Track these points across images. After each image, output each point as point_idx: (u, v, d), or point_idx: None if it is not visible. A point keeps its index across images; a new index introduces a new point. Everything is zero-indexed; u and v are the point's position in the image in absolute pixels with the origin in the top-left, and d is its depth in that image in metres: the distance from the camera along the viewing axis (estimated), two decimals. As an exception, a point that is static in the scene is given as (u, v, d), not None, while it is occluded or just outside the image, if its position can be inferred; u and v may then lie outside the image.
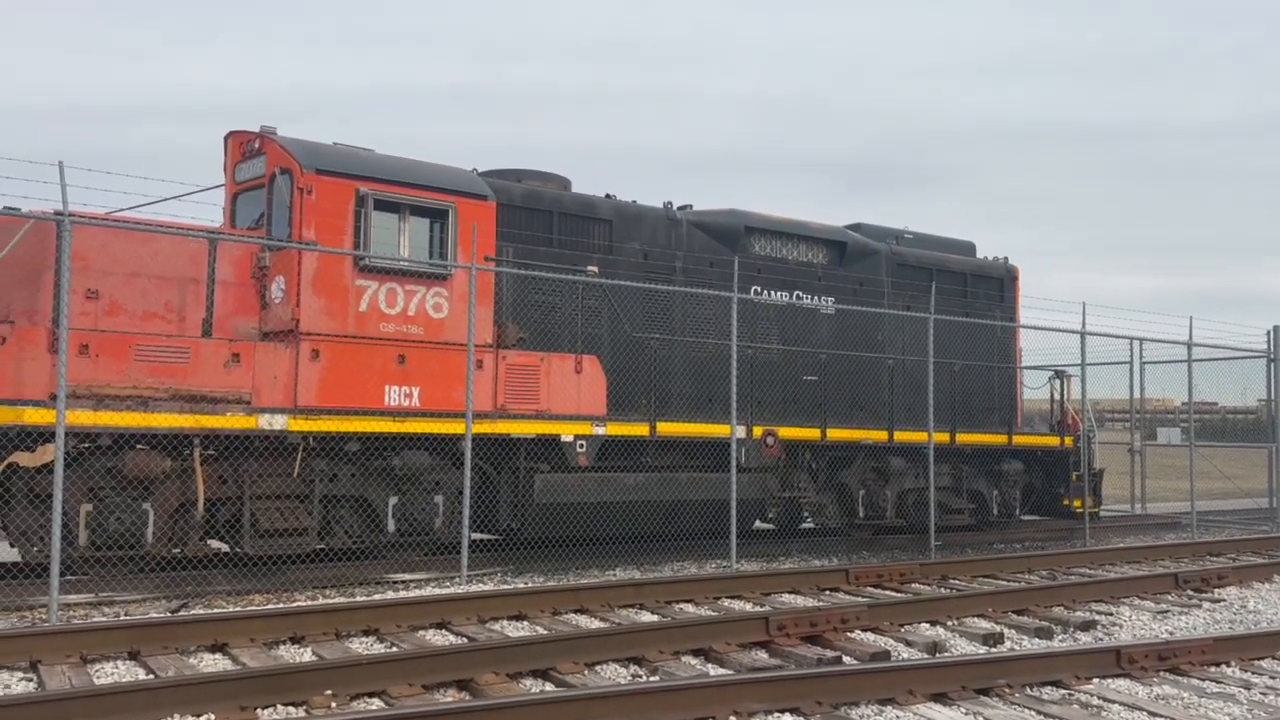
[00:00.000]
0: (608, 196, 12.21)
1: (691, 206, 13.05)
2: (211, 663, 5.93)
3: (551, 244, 11.40)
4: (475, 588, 9.04)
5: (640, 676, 5.80)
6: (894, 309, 13.80)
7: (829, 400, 12.95)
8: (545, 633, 6.72)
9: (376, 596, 7.66)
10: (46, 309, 8.71)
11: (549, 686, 5.51)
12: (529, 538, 10.96)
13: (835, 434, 12.84)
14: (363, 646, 6.46)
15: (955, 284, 15.02)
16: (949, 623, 7.59)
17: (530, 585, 8.14)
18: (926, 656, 6.60)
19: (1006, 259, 16.07)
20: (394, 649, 6.27)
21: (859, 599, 8.31)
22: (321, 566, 9.81)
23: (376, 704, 5.06)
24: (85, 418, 8.28)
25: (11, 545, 9.21)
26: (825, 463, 13.21)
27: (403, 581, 9.82)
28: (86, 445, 8.64)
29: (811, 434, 12.67)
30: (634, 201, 12.42)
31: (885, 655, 6.43)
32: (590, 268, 11.46)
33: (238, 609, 6.80)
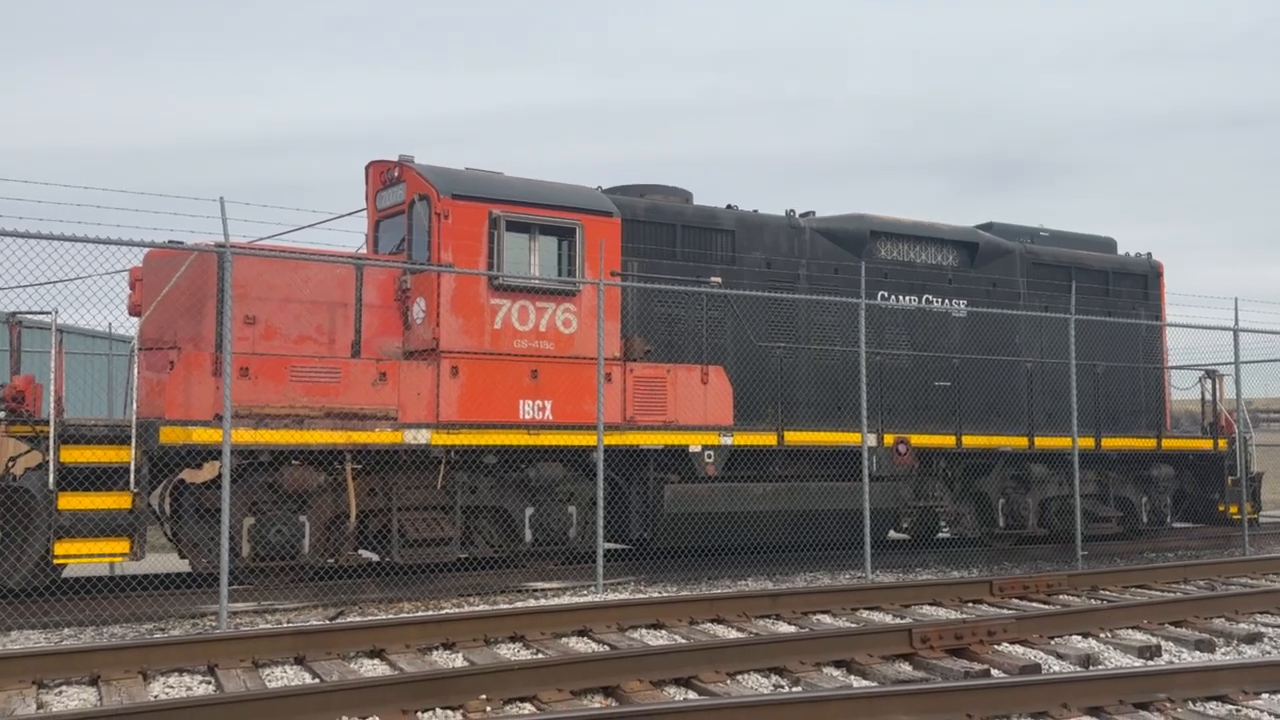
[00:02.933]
0: (729, 207, 12.27)
1: (814, 213, 12.97)
2: (371, 667, 6.25)
3: (675, 256, 11.53)
4: (611, 596, 9.20)
5: (782, 687, 5.81)
6: (1030, 310, 13.35)
7: (963, 406, 12.61)
8: (684, 641, 6.79)
9: (520, 604, 7.91)
10: (209, 335, 9.35)
11: (692, 695, 5.58)
12: (660, 548, 11.07)
13: (971, 440, 12.49)
14: (510, 652, 6.68)
15: (1095, 282, 14.41)
16: (1102, 635, 7.30)
17: (667, 595, 8.24)
18: (1080, 670, 6.37)
19: (1150, 255, 15.33)
20: (539, 655, 6.46)
21: (1005, 611, 8.07)
22: (464, 575, 10.17)
23: (528, 708, 5.24)
24: (247, 436, 8.84)
25: (181, 556, 9.92)
26: (961, 470, 12.87)
27: (540, 590, 10.09)
28: (248, 462, 9.23)
29: (946, 441, 12.37)
30: (755, 211, 12.43)
31: (1036, 668, 6.24)
32: (713, 279, 11.52)
33: (392, 616, 7.13)
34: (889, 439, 11.91)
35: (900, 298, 12.63)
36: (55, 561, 8.44)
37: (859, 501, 11.36)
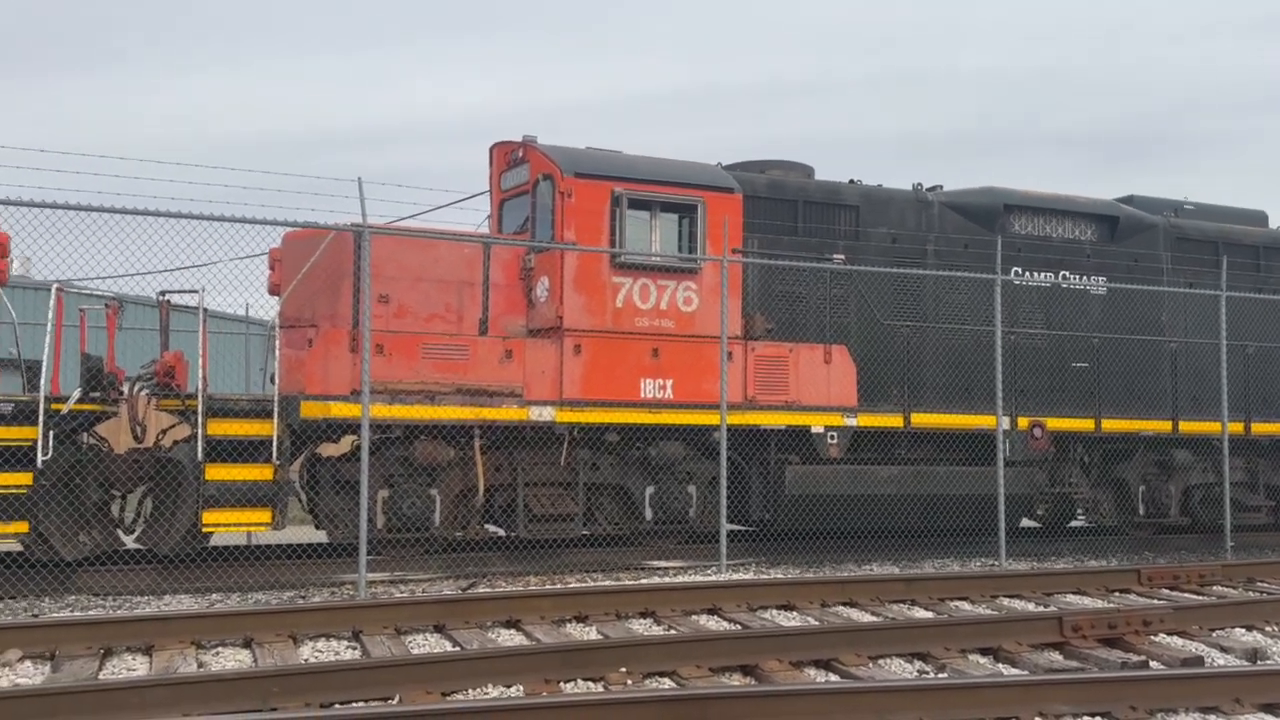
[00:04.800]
0: (851, 182, 11.94)
1: (941, 187, 12.51)
2: (508, 637, 6.32)
3: (796, 233, 11.29)
4: (736, 576, 9.11)
5: (926, 673, 5.61)
6: (1174, 287, 12.59)
7: (1102, 388, 12.00)
8: (817, 624, 6.65)
9: (650, 581, 7.89)
10: (345, 313, 9.62)
11: (833, 677, 5.45)
12: (781, 529, 10.90)
13: (1111, 425, 11.89)
14: (641, 627, 6.67)
15: (1246, 258, 13.48)
16: (1267, 628, 6.83)
17: (799, 576, 8.11)
18: (1247, 664, 5.96)
19: (1308, 227, 14.26)
20: (671, 630, 6.42)
21: (1156, 601, 7.63)
22: (586, 551, 10.24)
23: (668, 683, 5.20)
24: (382, 411, 9.08)
25: (318, 527, 10.28)
26: (1099, 456, 12.28)
27: (661, 568, 10.07)
28: (382, 436, 9.48)
29: (1084, 425, 11.81)
30: (880, 185, 12.07)
31: (1198, 661, 5.87)
32: (836, 255, 11.24)
33: (526, 588, 7.21)
34: (1023, 422, 11.43)
35: (1035, 274, 12.08)
36: (203, 530, 8.85)
37: (990, 487, 10.94)
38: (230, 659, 5.81)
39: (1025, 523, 13.14)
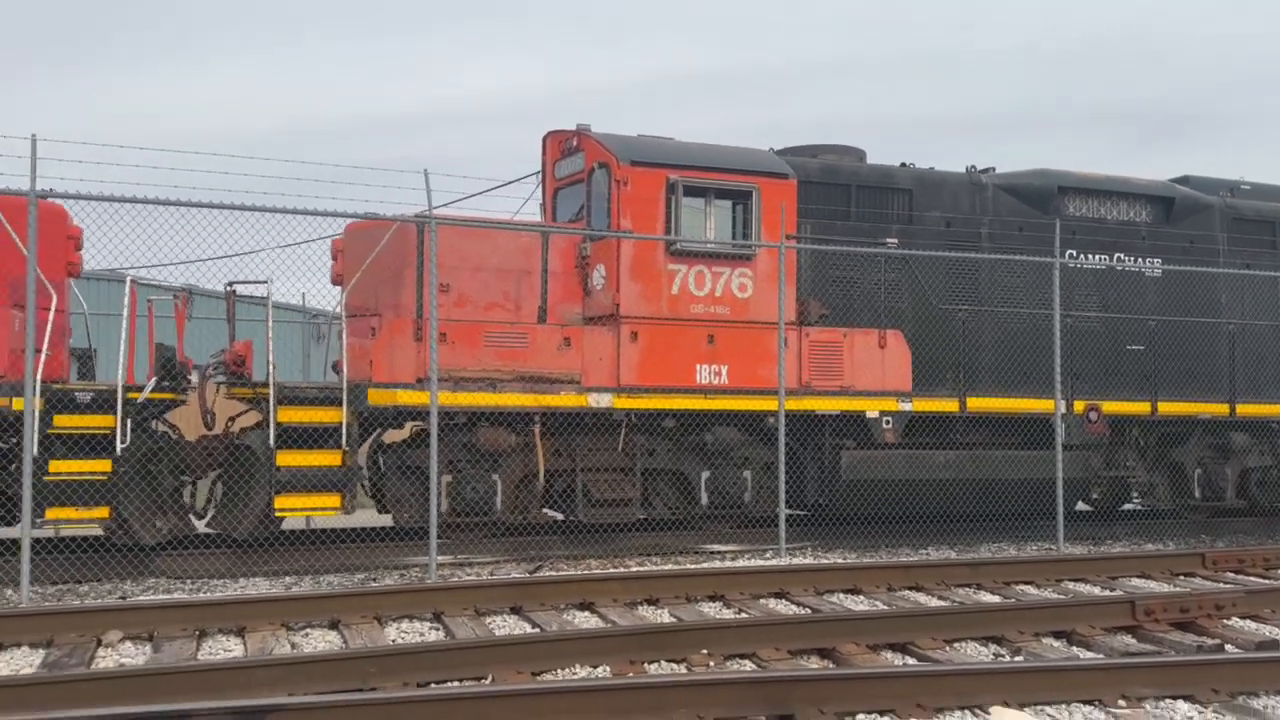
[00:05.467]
0: (904, 165, 11.91)
1: (994, 169, 12.44)
2: (583, 619, 6.47)
3: (849, 217, 11.29)
4: (796, 560, 9.20)
5: (1002, 656, 5.68)
6: (1231, 269, 12.44)
7: (1159, 371, 11.91)
8: (885, 608, 6.73)
9: (717, 564, 8.01)
10: (408, 302, 9.80)
11: (910, 660, 5.53)
12: (836, 514, 10.97)
13: (1167, 408, 11.82)
14: (712, 610, 6.79)
15: (1305, 237, 13.28)
16: (1342, 614, 6.80)
17: (860, 560, 8.16)
18: (1323, 649, 5.96)
19: (1369, 206, 13.99)
20: (742, 614, 6.53)
21: (1223, 585, 7.62)
22: (643, 535, 10.38)
23: (748, 665, 5.31)
24: (446, 398, 9.24)
25: (383, 511, 10.50)
26: (1155, 439, 12.20)
27: (717, 552, 10.19)
28: (446, 422, 9.65)
29: (1141, 408, 11.74)
30: (933, 168, 12.03)
31: (1274, 644, 5.88)
32: (889, 240, 11.23)
33: (599, 571, 7.36)
34: (1079, 406, 11.39)
35: (1090, 256, 11.99)
36: (276, 514, 9.09)
37: (1045, 471, 10.95)
38: (319, 640, 6.01)
39: (1079, 506, 13.11)
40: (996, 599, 7.16)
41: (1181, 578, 8.11)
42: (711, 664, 5.24)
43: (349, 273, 9.93)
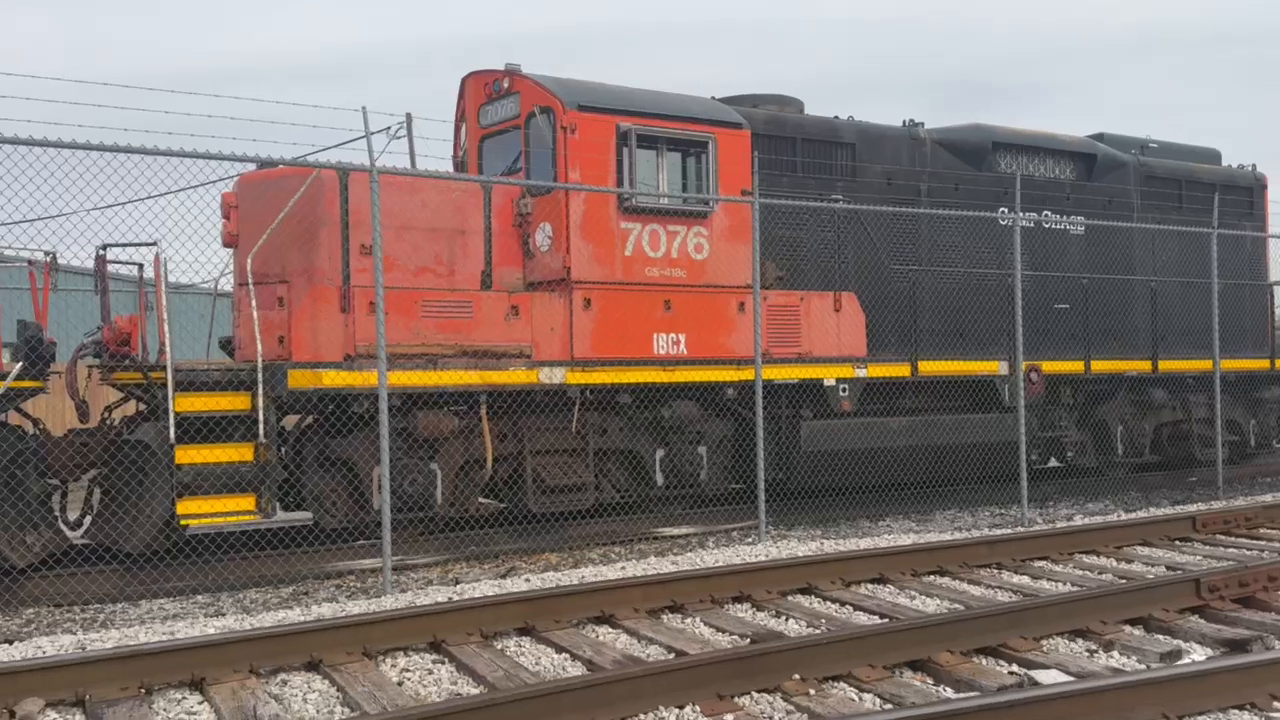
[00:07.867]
0: (845, 118, 11.32)
1: (923, 124, 12.05)
2: (606, 634, 5.52)
3: (795, 170, 10.60)
4: (781, 544, 8.55)
5: (1095, 652, 5.16)
6: (1145, 224, 12.60)
7: (1089, 329, 11.93)
8: (963, 609, 6.10)
9: (738, 562, 7.21)
10: (324, 267, 8.40)
11: (1013, 666, 4.91)
12: (794, 488, 10.38)
13: (1100, 366, 11.86)
14: (742, 612, 6.00)
15: (1205, 195, 13.67)
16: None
17: (888, 546, 7.57)
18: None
19: (1255, 166, 14.60)
20: (816, 630, 5.76)
21: (1270, 556, 7.37)
22: (592, 522, 9.45)
23: (848, 690, 4.54)
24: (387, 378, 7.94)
25: (296, 509, 9.08)
26: (1083, 398, 12.26)
27: (670, 536, 9.41)
28: (373, 407, 8.35)
29: (1075, 367, 11.72)
30: (873, 122, 11.51)
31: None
32: (835, 196, 10.63)
33: (617, 579, 6.40)
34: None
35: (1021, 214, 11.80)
36: (181, 523, 7.60)
37: (994, 434, 10.77)
38: (302, 687, 4.80)
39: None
40: (1022, 579, 6.72)
41: (1179, 542, 7.95)
42: (812, 692, 4.43)
43: (247, 233, 8.42)
